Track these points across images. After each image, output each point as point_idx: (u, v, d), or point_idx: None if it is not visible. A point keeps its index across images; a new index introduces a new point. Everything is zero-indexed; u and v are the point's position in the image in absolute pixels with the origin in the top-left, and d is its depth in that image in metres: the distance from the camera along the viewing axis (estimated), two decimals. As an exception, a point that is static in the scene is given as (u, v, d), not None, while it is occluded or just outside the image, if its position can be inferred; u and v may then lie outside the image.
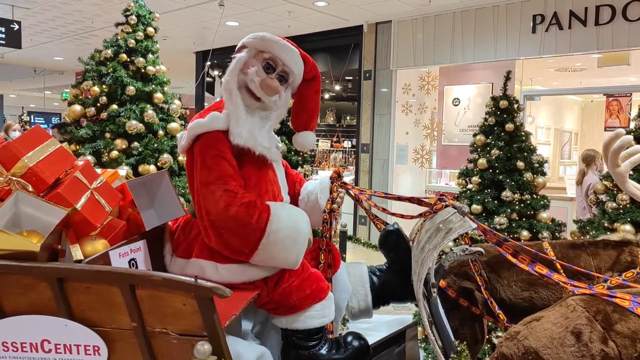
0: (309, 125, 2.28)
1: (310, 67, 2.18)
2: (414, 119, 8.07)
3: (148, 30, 3.78)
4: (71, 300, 1.70)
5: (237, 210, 1.86)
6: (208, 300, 1.62)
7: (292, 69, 2.10)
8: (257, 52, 2.07)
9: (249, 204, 1.89)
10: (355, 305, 2.41)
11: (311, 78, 2.20)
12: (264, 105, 2.08)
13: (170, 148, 3.61)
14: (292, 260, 1.96)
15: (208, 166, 1.93)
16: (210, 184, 1.91)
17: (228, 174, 1.92)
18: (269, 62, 2.07)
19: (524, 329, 1.75)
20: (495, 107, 3.50)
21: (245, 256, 1.91)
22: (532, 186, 3.35)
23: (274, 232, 1.88)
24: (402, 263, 2.41)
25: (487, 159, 3.40)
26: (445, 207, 2.05)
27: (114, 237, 1.96)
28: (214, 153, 1.94)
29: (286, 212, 1.96)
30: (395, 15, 7.56)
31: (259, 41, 2.08)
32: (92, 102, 3.58)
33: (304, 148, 2.37)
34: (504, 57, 6.69)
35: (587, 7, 5.91)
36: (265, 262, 1.94)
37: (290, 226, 1.93)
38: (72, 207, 1.82)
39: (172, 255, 2.15)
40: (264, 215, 1.88)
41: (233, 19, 8.11)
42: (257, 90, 2.04)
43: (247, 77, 2.03)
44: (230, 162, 1.95)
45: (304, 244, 1.98)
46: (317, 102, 2.29)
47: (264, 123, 2.09)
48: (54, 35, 10.05)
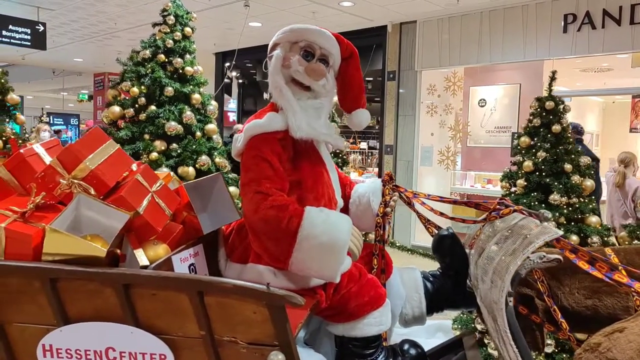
0: (359, 102, 2.20)
1: (346, 45, 2.12)
2: (439, 120, 7.98)
3: (185, 30, 3.74)
4: (137, 306, 1.65)
5: (265, 212, 1.76)
6: (280, 308, 1.57)
7: (330, 50, 2.05)
8: (291, 45, 2.04)
9: (280, 207, 1.77)
10: (409, 312, 2.35)
11: (349, 56, 2.14)
12: (314, 94, 2.03)
13: (208, 149, 3.56)
14: (329, 273, 1.82)
15: (247, 167, 1.89)
16: (245, 186, 1.86)
17: (264, 176, 1.84)
18: (306, 49, 2.02)
19: (606, 340, 1.67)
20: (541, 108, 3.42)
21: (282, 263, 1.81)
22: (580, 189, 3.26)
23: (305, 239, 1.75)
24: (458, 269, 2.35)
25: (533, 161, 3.32)
26: (513, 212, 1.98)
27: (172, 241, 1.92)
28: (254, 154, 1.89)
29: (322, 218, 1.80)
30: (420, 15, 7.49)
31: (290, 33, 2.05)
32: (130, 103, 3.54)
33: (360, 127, 2.26)
34: (533, 57, 6.58)
35: (621, 6, 5.80)
36: (303, 272, 1.83)
37: (325, 233, 1.76)
38: (134, 211, 1.78)
39: (226, 260, 2.11)
40: (295, 220, 1.75)
41: (256, 19, 8.08)
42: (304, 78, 1.99)
43: (290, 69, 1.99)
44: (273, 164, 1.86)
45: (340, 254, 1.79)
46: (360, 79, 2.21)
47: (319, 113, 2.04)
48: (76, 36, 10.09)
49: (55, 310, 1.67)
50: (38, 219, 1.73)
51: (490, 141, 7.56)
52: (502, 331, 1.70)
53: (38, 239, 1.68)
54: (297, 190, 1.98)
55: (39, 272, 1.64)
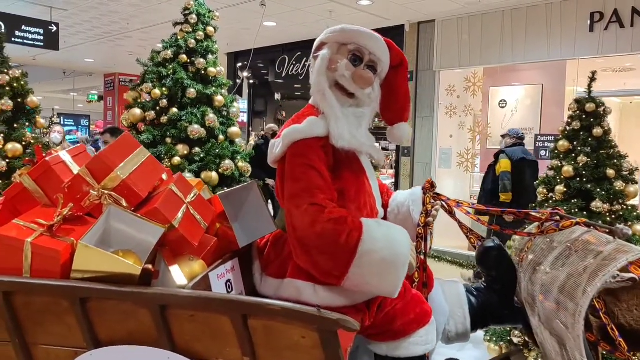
0: (403, 115, 2.08)
1: (397, 53, 1.98)
2: (458, 122, 7.82)
3: (208, 29, 3.61)
4: (174, 329, 1.52)
5: (323, 226, 1.63)
6: (332, 333, 1.44)
7: (380, 57, 1.91)
8: (339, 47, 1.90)
9: (338, 220, 1.66)
10: (453, 328, 2.21)
11: (398, 64, 2.01)
12: (357, 102, 1.90)
13: (231, 153, 3.42)
14: (389, 288, 1.71)
15: (295, 177, 1.74)
16: (296, 197, 1.71)
17: (316, 186, 1.71)
18: (355, 53, 1.88)
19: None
20: (581, 110, 3.25)
21: (336, 279, 1.68)
22: (624, 196, 3.09)
23: (366, 254, 1.64)
24: (505, 283, 2.20)
25: (573, 167, 3.16)
26: (576, 225, 1.83)
27: (206, 255, 1.79)
28: (302, 162, 1.74)
29: (383, 231, 1.72)
30: (439, 14, 7.33)
31: (340, 34, 1.91)
32: (152, 105, 3.41)
33: (400, 141, 2.16)
34: (558, 56, 6.41)
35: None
36: (359, 287, 1.71)
37: (387, 248, 1.67)
38: (169, 224, 1.64)
39: (261, 274, 1.97)
40: (355, 234, 1.64)
41: (271, 19, 7.96)
42: (349, 85, 1.86)
43: (336, 73, 1.85)
44: (322, 173, 1.74)
45: (402, 269, 1.70)
46: (407, 90, 2.09)
47: (360, 122, 1.90)
48: (88, 37, 10.01)
49: (85, 332, 1.55)
50: (66, 233, 1.60)
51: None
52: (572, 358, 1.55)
53: (67, 254, 1.55)
54: (340, 200, 1.84)
55: (68, 291, 1.52)
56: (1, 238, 1.54)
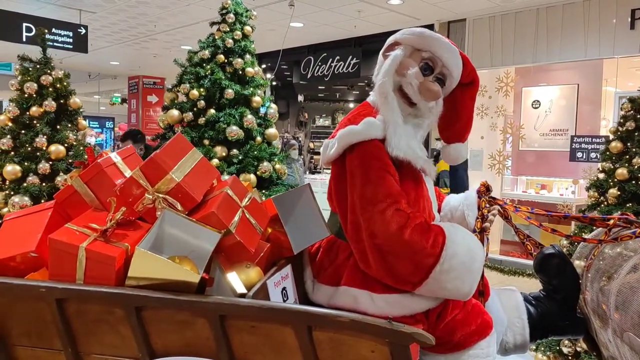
0: (463, 136, 2.00)
1: (469, 70, 1.89)
2: (489, 123, 7.63)
3: (245, 29, 3.54)
4: (233, 341, 1.45)
5: (411, 232, 1.58)
6: (404, 347, 1.34)
7: (451, 71, 1.82)
8: (413, 51, 1.81)
9: (423, 225, 1.62)
10: (511, 339, 2.10)
11: (469, 82, 1.91)
12: (417, 112, 1.82)
13: (269, 155, 3.35)
14: (465, 291, 1.68)
15: (373, 181, 1.65)
16: (378, 202, 1.62)
17: (397, 191, 1.66)
18: (427, 62, 1.80)
19: None
20: (635, 109, 3.10)
21: (412, 286, 1.62)
22: (683, 200, 2.94)
23: (449, 258, 1.61)
24: (567, 292, 2.09)
25: (628, 169, 3.01)
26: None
27: (260, 262, 1.71)
28: (379, 166, 1.67)
29: (460, 236, 1.69)
30: (471, 13, 7.18)
31: (418, 38, 1.82)
32: (189, 106, 3.35)
33: (455, 162, 2.07)
34: (596, 55, 6.20)
35: (698, -1, 5.41)
36: (434, 292, 1.66)
37: (466, 251, 1.66)
38: (225, 229, 1.57)
39: (313, 281, 1.89)
40: (440, 239, 1.62)
41: (298, 19, 7.90)
42: (414, 94, 1.77)
43: (404, 78, 1.77)
44: (395, 177, 1.69)
45: (479, 271, 1.71)
46: (472, 111, 2.01)
47: (416, 132, 1.83)
48: (115, 39, 10.08)
49: (140, 343, 1.48)
50: (119, 238, 1.54)
51: (545, 144, 7.17)
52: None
53: (121, 261, 1.49)
54: None
55: (123, 299, 1.45)
56: (55, 243, 1.49)
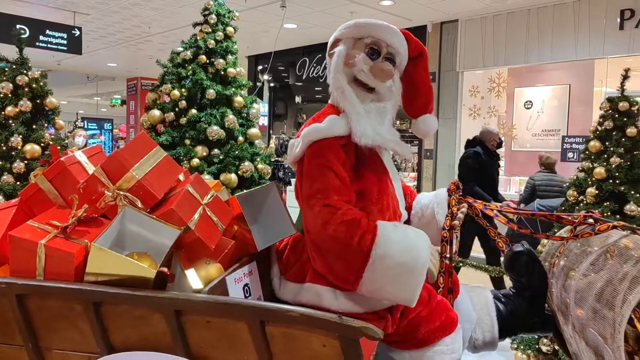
0: (427, 107, 1.99)
1: (415, 44, 1.90)
2: (482, 123, 7.66)
3: (227, 30, 3.57)
4: (189, 335, 1.47)
5: (335, 228, 1.56)
6: (354, 341, 1.36)
7: (397, 48, 1.84)
8: (355, 41, 1.83)
9: (351, 222, 1.58)
10: (480, 336, 2.11)
11: (417, 55, 1.93)
12: (378, 96, 1.82)
13: (250, 155, 3.37)
14: (407, 295, 1.61)
15: (311, 177, 1.67)
16: (310, 198, 1.64)
17: (332, 187, 1.64)
18: (372, 47, 1.81)
19: None
20: (613, 109, 3.12)
21: (351, 285, 1.60)
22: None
23: (380, 258, 1.55)
24: (535, 289, 2.10)
25: (606, 168, 3.02)
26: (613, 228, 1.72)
27: (223, 259, 1.73)
28: (319, 162, 1.67)
29: (399, 235, 1.62)
30: (463, 14, 7.21)
31: (354, 28, 1.84)
32: (171, 106, 3.38)
33: (427, 135, 2.06)
34: (586, 55, 6.22)
35: (685, 0, 5.42)
36: (374, 294, 1.62)
37: (404, 252, 1.58)
38: (185, 226, 1.59)
39: (280, 278, 1.90)
40: (368, 237, 1.56)
41: (291, 20, 7.93)
42: (369, 79, 1.78)
43: (354, 68, 1.78)
44: (338, 174, 1.66)
45: (420, 275, 1.61)
46: (429, 81, 2.01)
47: (382, 118, 1.82)
48: (110, 41, 10.13)
49: (99, 338, 1.50)
50: (80, 235, 1.56)
51: (537, 145, 7.19)
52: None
53: (80, 257, 1.51)
54: (361, 202, 1.77)
55: (82, 294, 1.47)
56: (15, 239, 1.51)
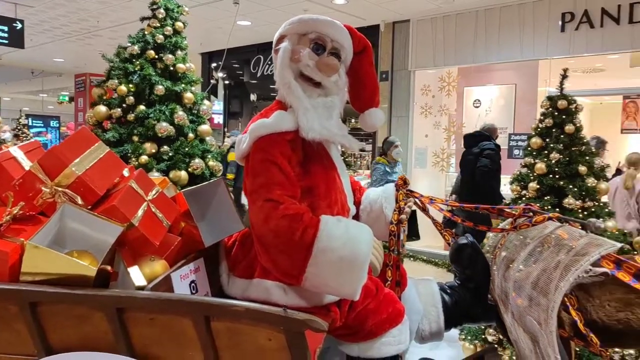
0: (373, 101, 2.02)
1: (359, 38, 1.94)
2: (433, 121, 7.85)
3: (177, 25, 3.50)
4: (132, 333, 1.44)
5: (277, 223, 1.57)
6: (299, 334, 1.37)
7: (342, 43, 1.86)
8: (300, 37, 1.84)
9: (293, 216, 1.59)
10: (427, 327, 2.16)
11: (362, 50, 1.96)
12: (325, 91, 1.84)
13: (201, 152, 3.33)
14: (348, 289, 1.63)
15: (254, 172, 1.68)
16: (252, 193, 1.65)
17: (274, 181, 1.64)
18: (316, 42, 1.82)
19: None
20: (553, 107, 3.26)
21: (295, 279, 1.61)
22: (596, 192, 3.10)
23: (322, 253, 1.56)
24: (478, 280, 2.17)
25: (546, 164, 3.16)
26: (549, 220, 1.80)
27: (169, 255, 1.71)
28: (263, 157, 1.68)
29: (341, 229, 1.63)
30: (414, 14, 7.34)
31: (298, 24, 1.85)
32: (118, 102, 3.29)
33: (373, 128, 2.09)
34: (530, 56, 6.46)
35: (620, 5, 5.70)
36: (318, 288, 1.64)
37: (345, 247, 1.59)
38: (128, 223, 1.56)
39: (229, 275, 1.89)
40: (310, 231, 1.57)
41: (245, 18, 7.87)
42: (314, 73, 1.80)
43: (300, 63, 1.80)
44: (282, 169, 1.67)
45: (362, 269, 1.62)
46: (374, 75, 2.04)
47: (330, 112, 1.84)
48: (56, 35, 9.76)
49: (36, 339, 1.45)
50: (16, 233, 1.51)
51: (486, 142, 7.42)
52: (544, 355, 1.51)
53: (15, 256, 1.46)
54: (309, 197, 1.78)
55: (17, 295, 1.42)
56: (-56, 239, 1.44)
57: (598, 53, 6.08)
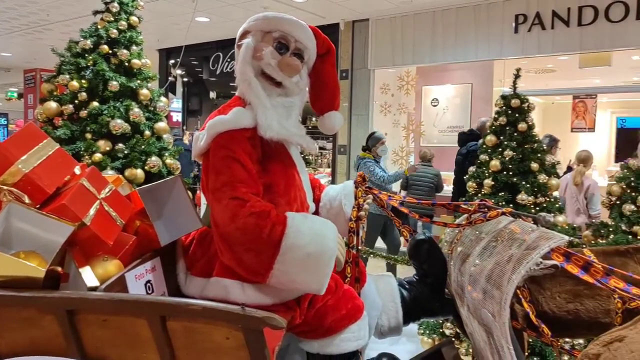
0: (334, 104, 2.04)
1: (323, 40, 1.94)
2: (392, 120, 7.95)
3: (131, 19, 3.40)
4: (84, 336, 1.40)
5: (244, 221, 1.56)
6: (258, 332, 1.36)
7: (306, 44, 1.86)
8: (263, 34, 1.83)
9: (260, 214, 1.59)
10: (386, 322, 2.20)
11: (325, 52, 1.96)
12: (285, 91, 1.84)
13: (158, 150, 3.26)
14: (316, 284, 1.65)
15: (217, 169, 1.66)
16: (216, 191, 1.63)
17: (238, 179, 1.63)
18: (280, 41, 1.82)
19: (605, 351, 1.55)
20: (506, 106, 3.35)
21: (261, 277, 1.61)
22: (547, 188, 3.22)
23: (290, 249, 1.58)
24: (436, 275, 2.22)
25: (500, 161, 3.25)
26: (502, 215, 1.85)
27: (124, 255, 1.66)
28: (225, 154, 1.66)
29: (307, 225, 1.65)
30: (373, 13, 7.41)
31: (263, 22, 1.85)
32: (69, 98, 3.18)
33: (332, 131, 2.11)
34: (485, 57, 6.63)
35: (569, 8, 5.92)
36: (285, 284, 1.65)
37: (312, 242, 1.61)
38: (79, 222, 1.51)
39: (186, 274, 1.86)
40: (278, 228, 1.58)
41: (204, 14, 7.75)
42: (275, 73, 1.79)
43: (261, 61, 1.79)
44: (245, 165, 1.67)
45: (328, 264, 1.64)
46: (336, 78, 2.06)
47: (289, 112, 1.85)
48: (4, 28, 9.35)
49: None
50: (-43, 234, 1.43)
51: (443, 140, 7.59)
52: (498, 346, 1.55)
53: (-43, 258, 1.38)
54: (268, 194, 1.77)
55: (-41, 298, 1.35)
56: None
57: (549, 54, 6.29)
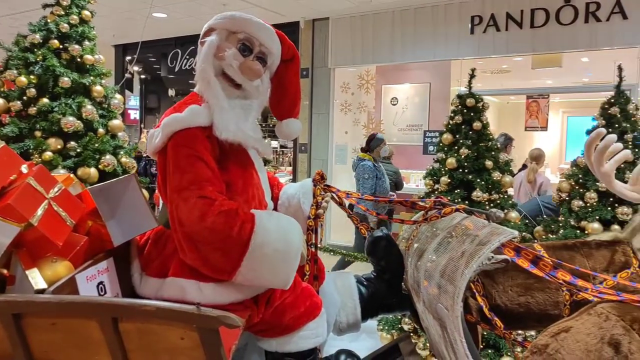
0: (293, 111, 2.05)
1: (288, 46, 1.95)
2: (353, 118, 8.01)
3: (83, 13, 3.30)
4: (32, 340, 1.35)
5: (214, 220, 1.56)
6: (213, 331, 1.35)
7: (270, 48, 1.86)
8: (228, 34, 1.82)
9: (228, 212, 1.59)
10: (344, 319, 2.22)
11: (290, 58, 1.97)
12: (244, 93, 1.83)
13: (112, 148, 3.17)
14: (282, 280, 1.69)
15: (181, 168, 1.64)
16: (183, 190, 1.61)
17: (204, 178, 1.63)
18: (244, 42, 1.81)
19: (553, 341, 1.62)
20: (462, 105, 3.43)
21: (227, 275, 1.61)
22: (500, 185, 3.31)
23: (259, 247, 1.60)
24: (393, 271, 2.25)
25: (456, 158, 3.32)
26: (456, 211, 1.90)
27: (75, 256, 1.62)
28: (188, 152, 1.65)
29: (274, 223, 1.68)
30: (333, 12, 7.43)
31: (229, 21, 1.83)
32: (17, 94, 3.06)
33: (289, 138, 2.14)
34: (443, 57, 6.75)
35: (522, 10, 6.09)
36: (251, 281, 1.66)
37: (280, 239, 1.65)
38: (26, 222, 1.46)
39: (141, 274, 1.83)
40: (247, 226, 1.59)
41: (161, 10, 7.59)
42: (236, 75, 1.79)
43: (223, 62, 1.78)
44: (209, 164, 1.67)
45: (295, 260, 1.69)
46: (298, 86, 2.07)
47: (247, 114, 1.83)
48: (-54, 21, 8.90)
49: None
50: None
51: (403, 139, 7.70)
52: (452, 339, 1.59)
53: None
54: (227, 192, 1.76)
55: None
56: None
57: (503, 55, 6.46)
